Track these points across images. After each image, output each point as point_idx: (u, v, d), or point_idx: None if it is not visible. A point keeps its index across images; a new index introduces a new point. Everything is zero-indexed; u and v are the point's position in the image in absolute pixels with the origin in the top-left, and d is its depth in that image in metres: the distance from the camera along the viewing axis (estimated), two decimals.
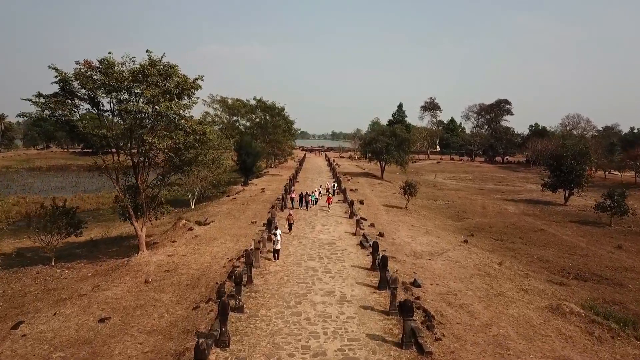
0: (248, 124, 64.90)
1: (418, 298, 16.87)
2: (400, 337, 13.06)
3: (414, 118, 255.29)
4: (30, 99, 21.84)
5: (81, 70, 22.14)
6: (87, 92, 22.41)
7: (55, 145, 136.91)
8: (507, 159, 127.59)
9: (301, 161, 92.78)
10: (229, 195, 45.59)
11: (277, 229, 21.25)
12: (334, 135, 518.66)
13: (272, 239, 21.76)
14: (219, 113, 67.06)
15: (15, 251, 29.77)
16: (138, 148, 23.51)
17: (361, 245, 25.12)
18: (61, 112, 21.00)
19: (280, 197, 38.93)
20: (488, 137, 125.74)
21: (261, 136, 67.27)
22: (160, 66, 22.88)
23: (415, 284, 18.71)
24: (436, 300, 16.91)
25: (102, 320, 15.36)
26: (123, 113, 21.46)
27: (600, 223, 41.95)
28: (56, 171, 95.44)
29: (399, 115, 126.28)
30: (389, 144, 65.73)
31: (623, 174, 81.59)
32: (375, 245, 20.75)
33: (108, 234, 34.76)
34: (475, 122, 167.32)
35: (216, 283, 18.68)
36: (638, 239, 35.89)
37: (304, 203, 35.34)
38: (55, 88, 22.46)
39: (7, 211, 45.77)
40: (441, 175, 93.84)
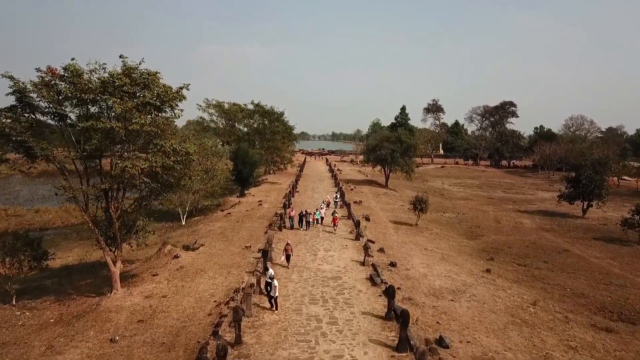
0: (245, 129, 61.37)
1: None
2: None
3: (416, 119, 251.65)
4: None
5: (44, 80, 18.73)
6: (50, 106, 18.94)
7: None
8: (513, 163, 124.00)
9: (301, 166, 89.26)
10: (222, 210, 42.11)
11: (273, 278, 17.69)
12: (334, 136, 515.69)
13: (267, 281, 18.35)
14: (215, 118, 63.61)
15: None
16: (111, 168, 20.05)
17: (371, 280, 21.67)
18: (14, 131, 17.44)
19: (279, 215, 35.46)
20: (494, 141, 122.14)
21: (260, 142, 63.84)
22: (137, 74, 19.43)
23: (442, 343, 15.23)
24: None
25: None
26: (91, 131, 17.97)
27: (627, 241, 38.45)
28: (47, 177, 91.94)
29: (402, 118, 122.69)
30: (394, 150, 62.22)
31: (638, 181, 77.95)
32: (390, 292, 17.25)
33: (87, 257, 31.26)
34: (479, 125, 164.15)
35: (198, 342, 15.22)
36: None
37: (304, 223, 31.83)
38: (12, 100, 19.01)
39: None
40: (447, 180, 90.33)
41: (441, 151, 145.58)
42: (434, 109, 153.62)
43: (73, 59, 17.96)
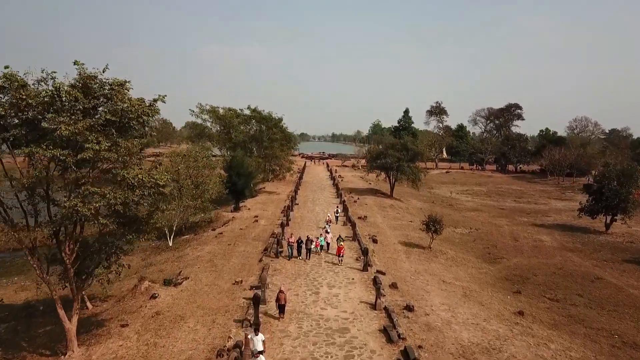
0: (240, 137, 57.43)
1: None
2: None
3: (417, 121, 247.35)
4: None
5: None
6: None
7: None
8: (520, 167, 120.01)
9: (301, 172, 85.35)
10: (214, 229, 38.20)
11: (258, 335, 13.92)
12: (334, 137, 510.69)
13: (251, 344, 14.58)
14: (209, 124, 59.66)
15: None
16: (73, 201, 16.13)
17: (386, 334, 17.80)
18: None
19: (275, 236, 31.54)
20: (500, 145, 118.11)
21: (257, 150, 59.93)
22: (96, 85, 15.52)
23: None
24: None
25: None
26: (32, 159, 14.09)
27: None
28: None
29: (406, 122, 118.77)
30: (400, 158, 58.28)
31: None
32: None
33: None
34: (484, 127, 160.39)
35: None
36: None
37: (305, 251, 27.88)
38: None
39: None
40: (453, 187, 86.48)
41: (445, 155, 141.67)
42: (437, 111, 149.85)
43: (7, 67, 14.03)
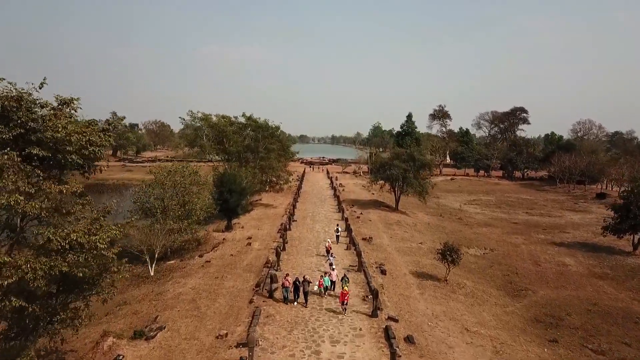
0: (234, 147, 53.38)
1: None
2: None
3: (419, 122, 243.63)
4: None
5: None
6: None
7: None
8: (527, 174, 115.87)
9: (300, 179, 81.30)
10: (201, 255, 34.02)
11: None
12: (334, 139, 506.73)
13: None
14: (200, 133, 55.51)
15: None
16: None
17: None
18: None
19: (269, 266, 27.37)
20: (506, 151, 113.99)
21: (253, 160, 55.83)
22: (16, 109, 11.41)
23: None
24: None
25: None
26: None
27: None
28: None
29: (409, 127, 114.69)
30: (406, 170, 54.18)
31: None
32: None
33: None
34: (488, 132, 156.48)
35: None
36: None
37: (302, 294, 23.56)
38: None
39: None
40: (460, 197, 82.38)
41: (448, 160, 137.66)
42: (440, 115, 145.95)
43: None
